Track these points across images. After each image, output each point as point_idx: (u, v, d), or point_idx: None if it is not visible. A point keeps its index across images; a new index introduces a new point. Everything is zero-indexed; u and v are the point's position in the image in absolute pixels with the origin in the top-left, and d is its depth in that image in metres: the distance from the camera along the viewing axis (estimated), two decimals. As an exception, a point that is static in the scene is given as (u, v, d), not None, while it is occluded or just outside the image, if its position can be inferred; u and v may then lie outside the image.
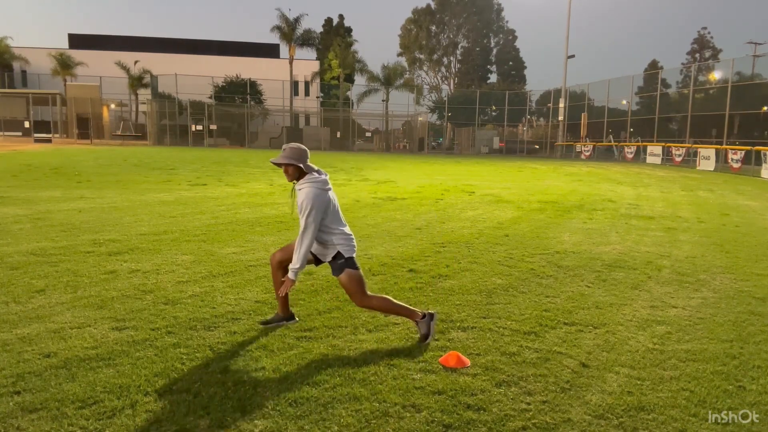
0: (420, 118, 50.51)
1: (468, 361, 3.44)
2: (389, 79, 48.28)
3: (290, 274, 3.64)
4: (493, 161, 31.59)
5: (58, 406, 2.78)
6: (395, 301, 3.83)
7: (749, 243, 7.66)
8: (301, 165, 3.68)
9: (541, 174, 20.98)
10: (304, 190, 3.65)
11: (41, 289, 4.65)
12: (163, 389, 2.99)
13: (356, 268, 3.72)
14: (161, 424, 2.65)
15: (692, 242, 7.61)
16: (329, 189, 3.72)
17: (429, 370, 3.34)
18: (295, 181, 3.74)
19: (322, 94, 56.76)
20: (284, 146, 3.75)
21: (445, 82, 69.53)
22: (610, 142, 39.64)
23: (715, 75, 39.90)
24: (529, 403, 2.96)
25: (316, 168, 3.75)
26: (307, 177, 3.70)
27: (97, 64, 48.06)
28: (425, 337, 3.76)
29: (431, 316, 3.80)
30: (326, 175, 3.77)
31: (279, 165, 3.70)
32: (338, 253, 3.71)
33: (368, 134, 50.84)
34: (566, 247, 6.99)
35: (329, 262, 3.76)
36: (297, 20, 45.78)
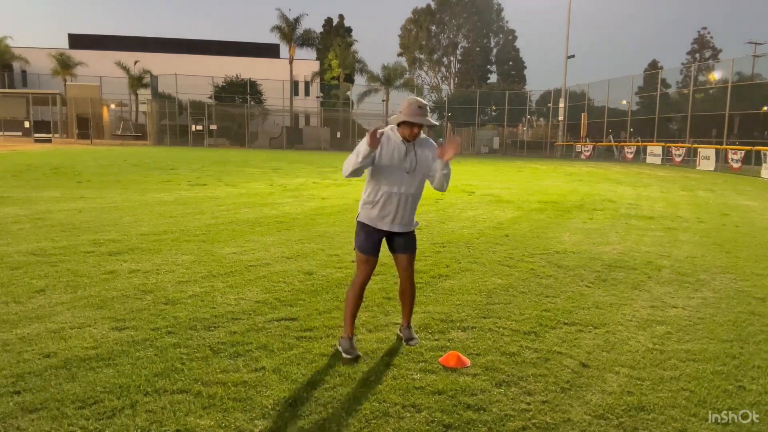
0: (420, 118, 50.38)
1: (468, 361, 3.44)
2: (389, 79, 48.26)
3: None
4: (493, 161, 31.59)
5: (58, 406, 2.78)
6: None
7: (749, 243, 7.66)
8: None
9: (541, 174, 20.98)
10: (428, 143, 3.56)
11: (41, 289, 4.65)
12: (163, 389, 2.99)
13: None
14: (161, 424, 2.65)
15: (692, 242, 7.60)
16: None
17: (429, 370, 3.34)
18: (405, 140, 3.51)
19: (322, 94, 56.75)
20: (417, 103, 3.39)
21: (445, 82, 69.58)
22: (610, 142, 39.64)
23: (715, 75, 39.92)
24: (529, 403, 2.96)
25: None
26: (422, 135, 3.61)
27: (97, 64, 48.08)
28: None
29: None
30: None
31: (423, 126, 3.45)
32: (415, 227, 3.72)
33: (368, 134, 50.74)
34: (566, 247, 6.99)
35: (408, 234, 3.65)
36: (297, 20, 45.78)
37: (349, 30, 70.04)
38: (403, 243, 3.65)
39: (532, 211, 10.27)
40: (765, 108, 36.31)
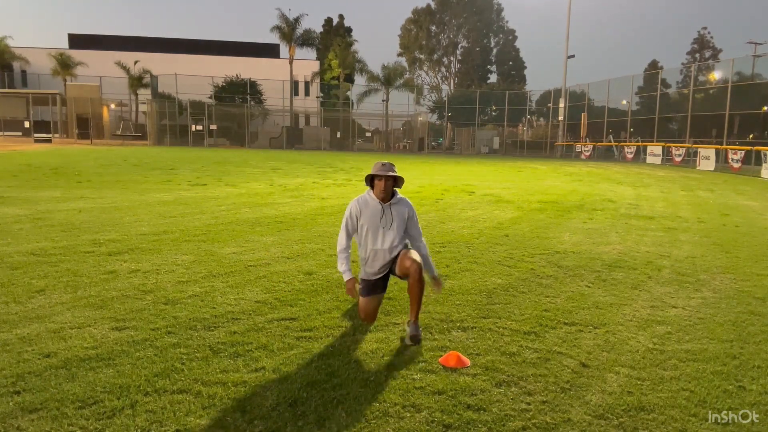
0: (420, 118, 50.52)
1: (468, 361, 3.44)
2: (389, 79, 48.24)
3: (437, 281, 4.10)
4: (493, 161, 31.59)
5: (58, 406, 2.78)
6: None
7: (749, 243, 7.66)
8: (400, 183, 4.04)
9: (541, 174, 20.98)
10: (404, 202, 4.05)
11: (41, 289, 4.65)
12: (163, 389, 2.99)
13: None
14: (161, 424, 2.65)
15: (692, 242, 7.60)
16: None
17: (429, 370, 3.34)
18: (380, 200, 3.98)
19: (322, 94, 56.74)
20: (381, 162, 3.94)
21: (445, 82, 69.51)
22: (610, 142, 39.64)
23: (715, 75, 39.89)
24: (529, 403, 2.96)
25: None
26: (397, 194, 4.09)
27: (97, 64, 48.06)
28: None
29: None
30: None
31: (389, 177, 3.92)
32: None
33: (368, 134, 50.86)
34: (566, 247, 6.99)
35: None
36: (297, 20, 45.76)
37: (349, 30, 70.03)
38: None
39: (532, 211, 10.27)
40: (765, 108, 36.30)
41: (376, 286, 4.08)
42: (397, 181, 4.03)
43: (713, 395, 3.11)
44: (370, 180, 4.05)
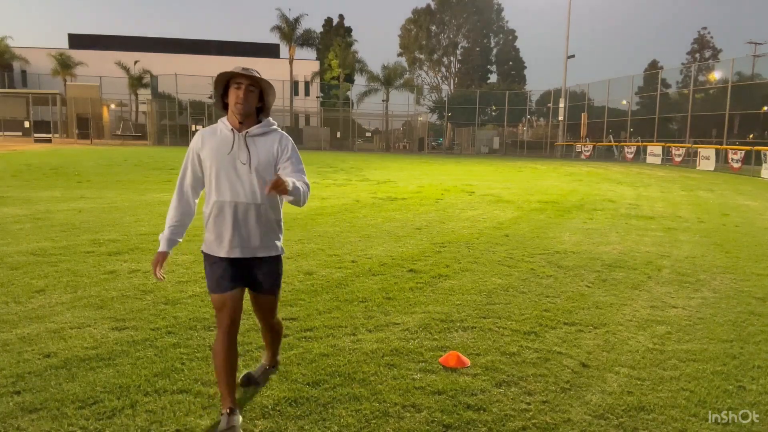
0: (420, 118, 50.53)
1: (468, 361, 3.43)
2: (389, 79, 48.27)
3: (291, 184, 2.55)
4: (493, 161, 31.58)
5: (58, 406, 2.78)
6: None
7: (749, 243, 7.65)
8: (271, 99, 2.68)
9: (541, 174, 20.98)
10: (277, 134, 2.68)
11: (41, 289, 4.65)
12: (163, 389, 2.99)
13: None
14: (161, 424, 2.65)
15: (692, 242, 7.60)
16: None
17: (429, 370, 3.34)
18: (244, 126, 2.61)
19: (322, 94, 56.75)
20: (244, 67, 2.57)
21: (445, 82, 69.54)
22: (610, 142, 39.63)
23: (715, 75, 39.89)
24: (529, 403, 2.96)
25: None
26: (270, 121, 2.70)
27: (97, 64, 48.08)
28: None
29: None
30: None
31: (246, 77, 2.52)
32: (279, 254, 2.78)
33: (368, 134, 50.89)
34: (566, 247, 6.99)
35: (264, 264, 2.75)
36: (297, 20, 45.82)
37: (349, 30, 70.00)
38: (260, 278, 2.75)
39: (532, 211, 10.26)
40: (765, 108, 36.31)
41: (226, 278, 2.70)
42: (266, 96, 2.61)
43: (713, 395, 3.11)
44: (223, 91, 2.60)
